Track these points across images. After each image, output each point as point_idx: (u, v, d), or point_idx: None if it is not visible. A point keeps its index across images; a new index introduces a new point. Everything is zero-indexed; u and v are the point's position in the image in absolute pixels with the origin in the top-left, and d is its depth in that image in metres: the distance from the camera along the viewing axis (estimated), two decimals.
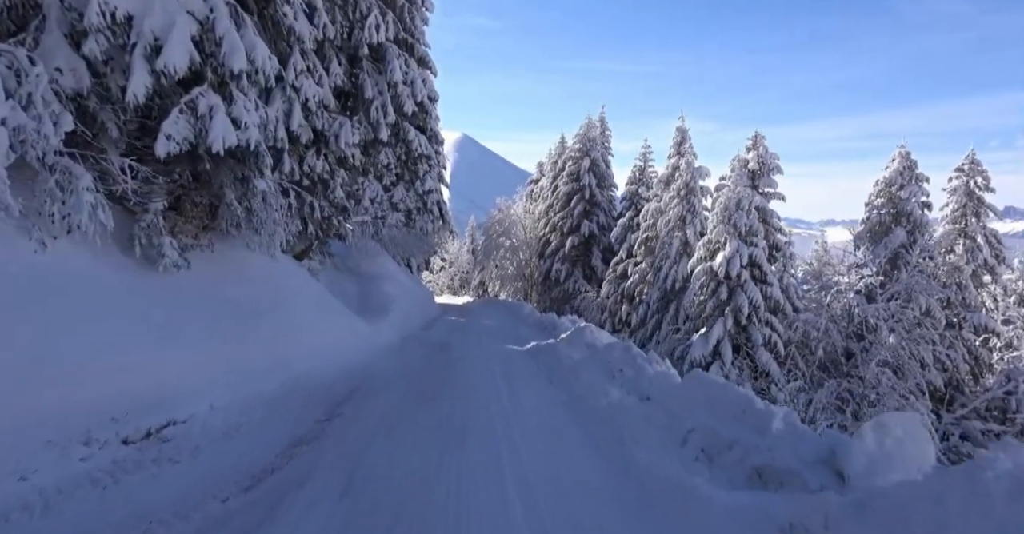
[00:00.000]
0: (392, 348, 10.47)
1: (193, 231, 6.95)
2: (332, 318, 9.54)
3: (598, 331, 10.04)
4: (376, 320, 12.26)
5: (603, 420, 5.55)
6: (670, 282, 20.12)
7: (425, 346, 11.61)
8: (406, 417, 5.67)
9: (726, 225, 17.08)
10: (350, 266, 17.41)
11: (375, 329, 11.34)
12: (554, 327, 14.78)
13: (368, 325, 11.20)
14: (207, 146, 5.78)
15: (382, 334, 11.44)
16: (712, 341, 16.57)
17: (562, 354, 9.53)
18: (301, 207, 11.76)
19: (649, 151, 28.22)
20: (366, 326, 10.93)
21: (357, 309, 12.98)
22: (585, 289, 29.64)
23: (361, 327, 10.57)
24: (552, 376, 8.26)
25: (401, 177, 23.06)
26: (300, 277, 9.40)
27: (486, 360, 10.15)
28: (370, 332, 10.85)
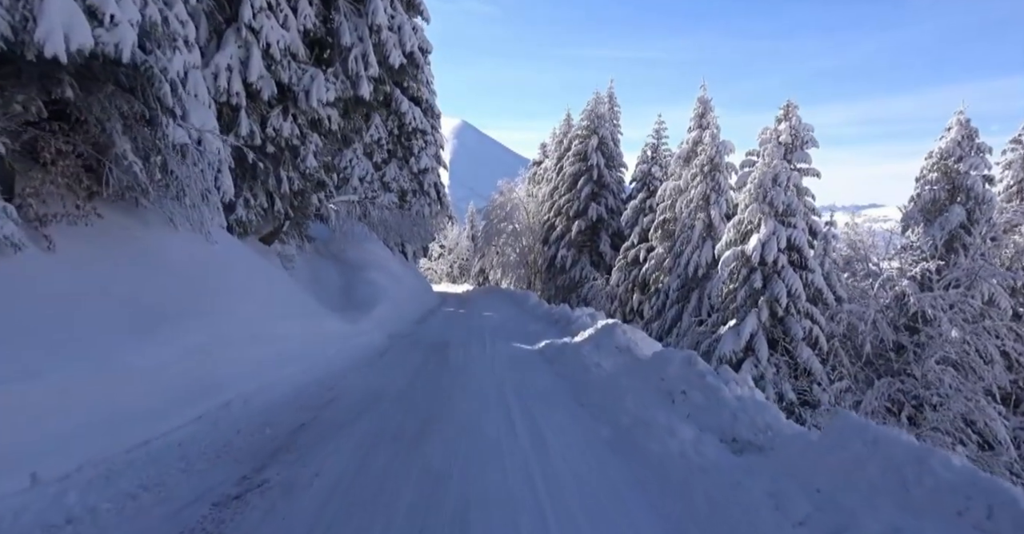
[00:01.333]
0: (375, 352, 8.35)
1: (63, 195, 4.79)
2: (295, 318, 7.41)
3: (632, 330, 7.94)
4: (359, 316, 10.14)
5: (682, 491, 3.45)
6: (692, 269, 17.98)
7: (417, 347, 9.49)
8: (371, 483, 3.56)
9: (760, 203, 14.89)
10: (334, 252, 15.25)
11: (356, 328, 9.21)
12: (567, 321, 12.66)
13: (347, 323, 9.07)
14: (37, 48, 3.60)
15: (365, 334, 9.31)
16: (745, 335, 14.47)
17: (588, 360, 7.41)
18: (266, 178, 9.59)
19: (663, 127, 25.93)
20: (343, 325, 8.80)
21: (337, 303, 10.85)
22: (593, 276, 27.52)
23: (336, 327, 8.44)
24: (580, 395, 6.14)
25: (393, 154, 20.82)
26: (250, 265, 7.24)
27: (491, 368, 8.03)
28: (348, 333, 8.72)
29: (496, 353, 9.61)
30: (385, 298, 12.93)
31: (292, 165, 9.73)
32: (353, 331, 8.93)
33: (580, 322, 11.42)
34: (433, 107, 20.82)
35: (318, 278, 12.18)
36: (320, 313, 8.43)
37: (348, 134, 12.14)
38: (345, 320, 9.17)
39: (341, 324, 8.69)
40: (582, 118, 28.52)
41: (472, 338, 11.49)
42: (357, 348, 8.25)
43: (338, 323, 8.61)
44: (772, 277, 14.71)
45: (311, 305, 8.54)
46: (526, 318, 15.71)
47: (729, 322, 15.69)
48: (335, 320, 8.66)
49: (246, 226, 9.71)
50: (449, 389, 6.36)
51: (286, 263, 11.17)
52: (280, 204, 10.01)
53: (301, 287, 9.53)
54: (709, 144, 17.84)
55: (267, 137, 9.34)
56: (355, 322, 9.56)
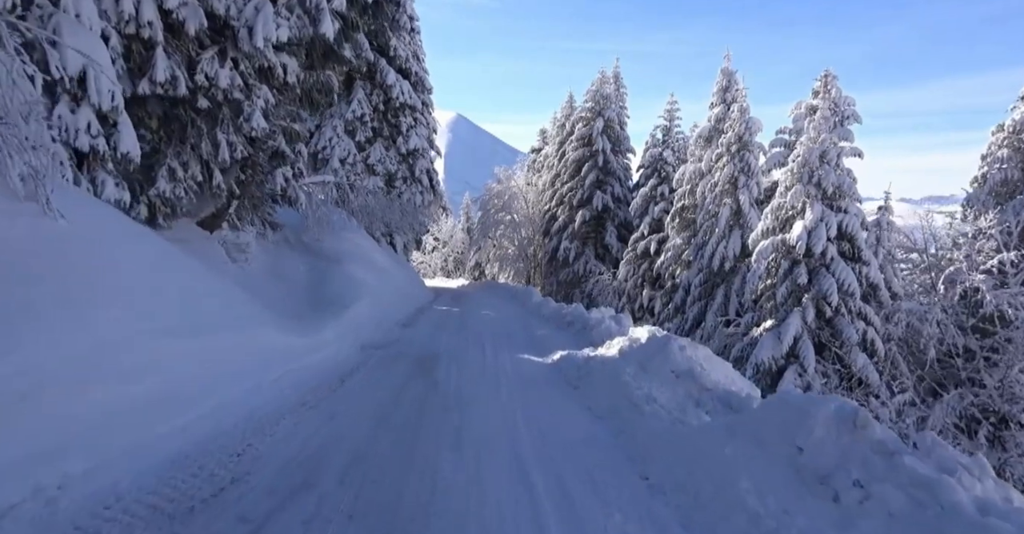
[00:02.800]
0: (335, 377, 6.02)
1: None
2: (209, 332, 5.06)
3: (691, 346, 5.63)
4: (323, 322, 7.80)
5: None
6: (717, 261, 15.72)
7: (397, 364, 7.17)
8: None
9: (805, 185, 12.62)
10: (307, 242, 12.88)
11: (314, 340, 6.87)
12: (584, 325, 10.37)
13: (301, 335, 6.73)
14: None
15: (327, 347, 6.99)
16: (787, 339, 12.23)
17: (634, 391, 5.13)
18: (198, 142, 7.24)
19: (676, 108, 23.58)
20: (294, 337, 6.45)
21: (297, 306, 8.51)
22: (599, 271, 25.24)
23: (281, 341, 6.10)
24: (643, 459, 3.83)
25: (379, 132, 18.40)
26: (136, 255, 4.87)
27: (497, 398, 5.73)
28: (301, 348, 6.38)
29: (501, 371, 7.32)
30: (364, 296, 10.62)
31: (233, 125, 7.37)
32: (309, 345, 6.60)
33: (603, 328, 9.13)
34: (423, 82, 18.43)
35: (279, 273, 9.84)
36: (260, 322, 6.09)
37: (315, 95, 9.76)
38: (299, 330, 6.83)
39: (289, 336, 6.35)
40: (586, 99, 26.14)
41: (469, 347, 9.20)
42: (310, 371, 5.92)
43: (285, 335, 6.27)
44: (819, 271, 12.46)
45: (248, 311, 6.20)
46: (531, 319, 13.41)
47: (765, 323, 13.46)
48: (282, 331, 6.32)
49: (173, 204, 7.35)
50: (436, 449, 4.05)
51: (235, 254, 8.83)
52: (221, 178, 7.65)
53: (242, 287, 7.19)
54: (737, 119, 15.55)
55: (197, 87, 6.97)
56: (316, 331, 7.23)
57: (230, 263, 8.45)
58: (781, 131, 16.42)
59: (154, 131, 7.16)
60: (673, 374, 5.34)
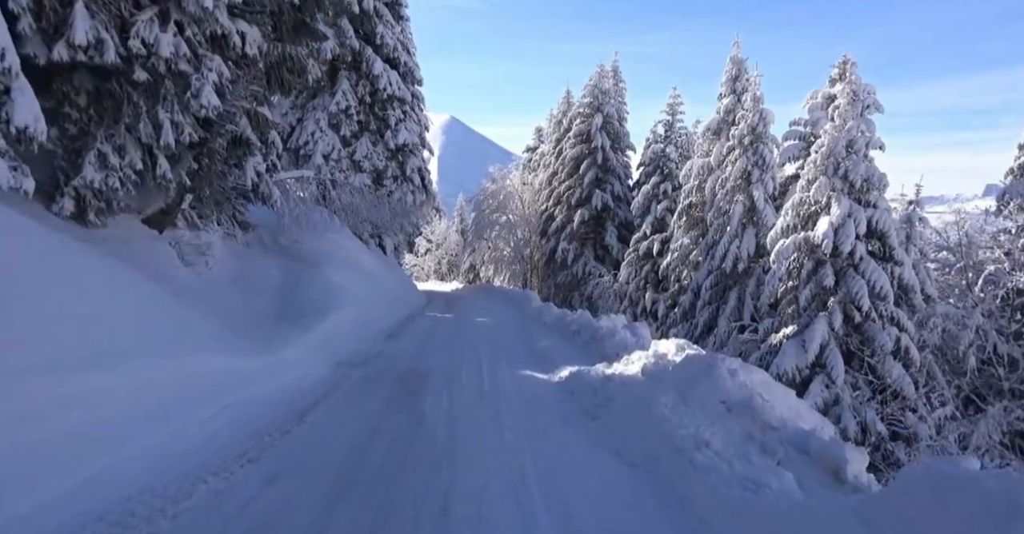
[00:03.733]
0: (290, 411, 4.73)
1: None
2: (123, 363, 3.81)
3: (745, 369, 4.43)
4: (287, 338, 6.53)
5: None
6: (729, 262, 14.55)
7: (376, 388, 5.92)
8: None
9: (831, 177, 11.46)
10: (284, 244, 11.61)
11: (272, 362, 5.59)
12: (593, 336, 9.16)
13: (257, 356, 5.45)
14: None
15: (290, 368, 5.73)
16: (813, 347, 11.05)
17: (675, 429, 3.91)
18: (135, 122, 6.00)
19: (678, 102, 22.47)
20: (244, 361, 5.17)
21: (260, 318, 7.25)
22: (599, 273, 24.06)
23: (225, 366, 4.82)
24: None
25: (365, 126, 17.12)
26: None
27: (497, 435, 4.50)
28: (252, 372, 5.11)
29: (501, 395, 6.10)
30: (345, 304, 9.38)
31: (179, 103, 6.13)
32: (265, 368, 5.34)
33: (617, 340, 7.91)
34: (413, 73, 17.19)
35: (245, 279, 8.56)
36: (201, 342, 4.83)
37: (285, 75, 8.49)
38: (256, 348, 5.56)
39: (239, 358, 5.07)
40: (583, 95, 24.99)
41: (463, 362, 7.97)
42: (261, 403, 4.66)
43: (232, 357, 4.99)
44: (847, 272, 11.31)
45: (189, 328, 4.94)
46: (531, 327, 12.19)
47: (785, 329, 12.28)
48: (230, 352, 5.04)
49: (108, 198, 6.08)
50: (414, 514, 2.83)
51: (191, 258, 7.56)
52: (167, 166, 6.39)
53: (192, 297, 5.93)
54: (750, 109, 14.39)
55: (133, 55, 5.71)
56: (277, 348, 5.97)
57: (183, 268, 7.18)
58: (795, 123, 15.28)
59: (82, 109, 5.90)
60: (724, 407, 4.12)
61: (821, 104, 14.55)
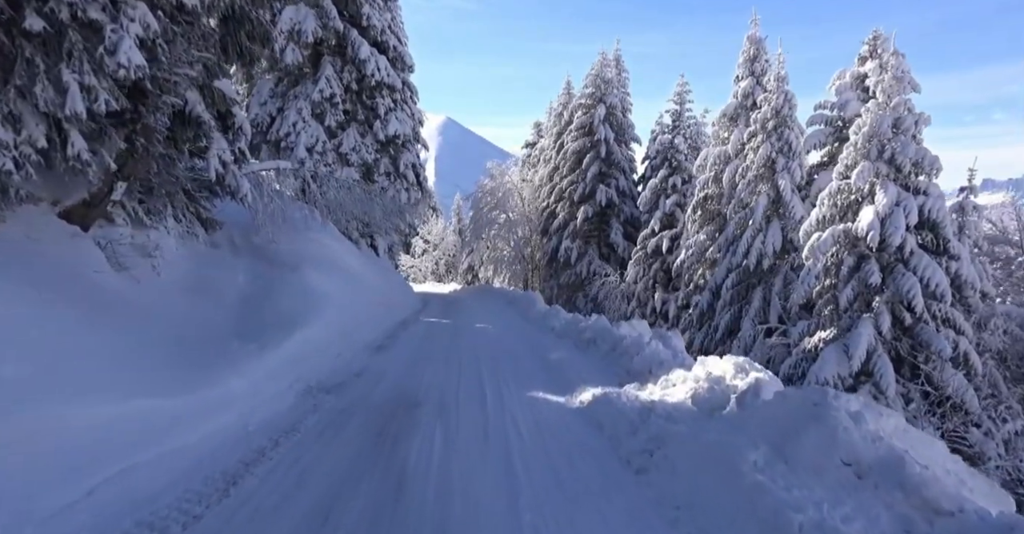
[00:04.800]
0: (220, 473, 3.33)
1: None
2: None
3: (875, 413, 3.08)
4: (238, 362, 5.10)
5: None
6: (753, 259, 13.15)
7: (344, 430, 4.50)
8: None
9: (874, 161, 10.08)
10: (258, 244, 10.18)
11: (208, 398, 4.15)
12: (613, 345, 7.75)
13: (184, 392, 3.99)
14: None
15: (232, 404, 4.30)
16: (858, 352, 9.67)
17: (792, 519, 2.56)
18: (31, 83, 4.59)
19: (686, 90, 21.09)
20: (166, 401, 3.74)
21: (211, 337, 5.82)
22: (604, 272, 22.68)
23: (136, 410, 3.39)
24: None
25: (352, 116, 15.68)
26: None
27: (511, 508, 3.13)
28: (177, 416, 3.67)
29: (511, 432, 4.70)
30: (325, 312, 7.98)
31: (92, 62, 4.73)
32: (196, 407, 3.91)
33: (648, 354, 6.49)
34: (403, 58, 15.76)
35: (203, 286, 7.14)
36: (102, 375, 3.41)
37: (244, 40, 7.04)
38: (184, 381, 4.12)
39: (157, 399, 3.63)
40: (585, 85, 23.59)
41: (462, 382, 6.58)
42: (181, 460, 3.24)
43: (147, 398, 3.56)
44: (895, 268, 9.93)
45: (85, 355, 3.53)
46: (538, 334, 10.80)
47: (822, 332, 10.91)
48: (147, 389, 3.62)
49: (1, 183, 4.66)
50: None
51: (128, 260, 6.14)
52: (83, 145, 4.99)
53: (114, 314, 4.51)
54: (774, 90, 13.00)
55: None
56: (223, 377, 4.54)
57: (114, 274, 5.76)
58: (821, 106, 13.90)
59: None
60: (851, 471, 2.73)
61: (850, 84, 13.19)
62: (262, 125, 14.53)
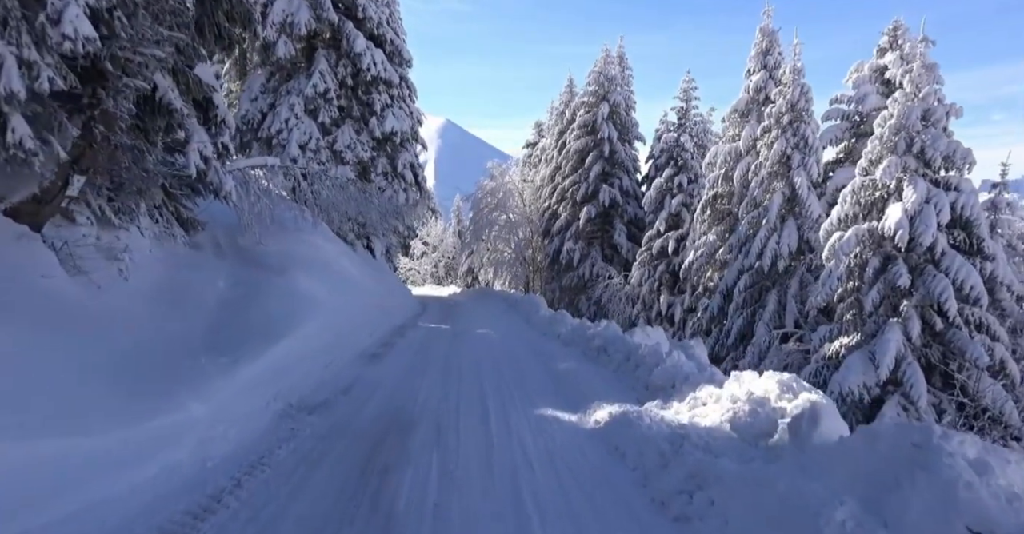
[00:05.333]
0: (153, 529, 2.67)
1: None
2: None
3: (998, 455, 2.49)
4: (202, 382, 4.42)
5: None
6: (767, 260, 12.47)
7: (322, 460, 3.83)
8: None
9: (902, 156, 9.41)
10: (243, 246, 9.50)
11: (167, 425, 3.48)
12: (627, 355, 7.07)
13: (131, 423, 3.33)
14: None
15: (188, 435, 3.63)
16: (886, 359, 8.98)
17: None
18: None
19: (692, 87, 20.45)
20: (95, 439, 3.06)
21: (180, 347, 5.14)
22: (608, 274, 22.02)
23: (47, 450, 2.74)
24: None
25: (347, 112, 15.01)
26: None
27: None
28: (121, 453, 3.00)
29: (518, 459, 4.04)
30: (313, 319, 7.31)
31: (32, 33, 4.07)
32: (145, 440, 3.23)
33: (669, 366, 5.79)
34: (401, 52, 15.10)
35: (174, 293, 6.46)
36: (28, 406, 2.74)
37: (219, 18, 6.37)
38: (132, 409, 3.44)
39: (94, 436, 2.96)
40: (588, 82, 22.94)
41: (462, 398, 5.92)
42: (106, 518, 2.56)
43: (80, 436, 2.88)
44: (925, 269, 9.26)
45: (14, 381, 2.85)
46: (543, 341, 10.12)
47: (843, 338, 10.23)
48: (79, 426, 2.94)
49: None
50: None
51: (81, 264, 5.46)
52: (26, 130, 4.32)
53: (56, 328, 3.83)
54: (789, 83, 12.33)
55: None
56: (182, 401, 3.85)
57: (68, 279, 5.08)
58: (836, 100, 13.26)
59: None
60: None
61: (868, 77, 12.55)
62: (253, 122, 13.87)
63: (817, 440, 3.14)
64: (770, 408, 3.76)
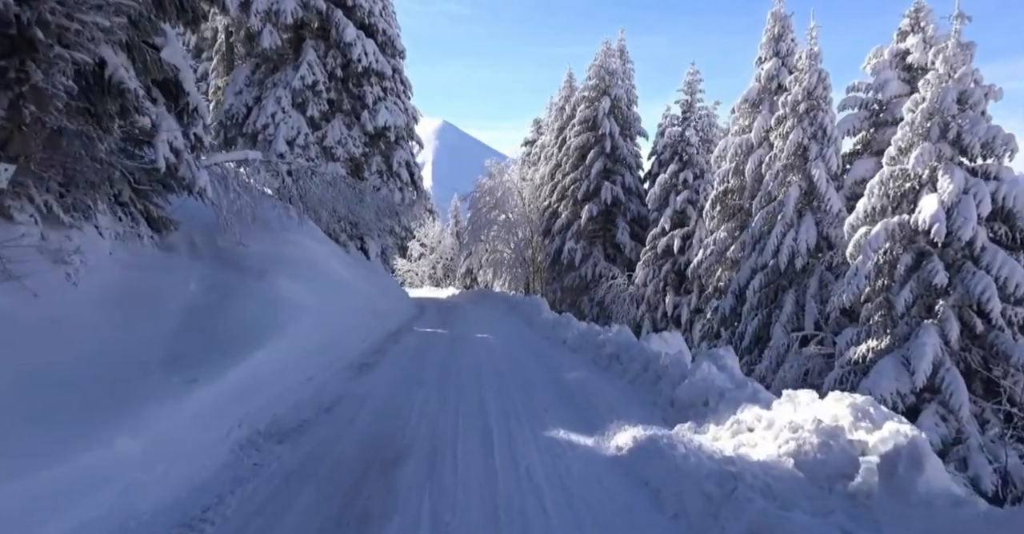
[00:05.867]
0: None
1: None
2: None
3: None
4: (151, 406, 3.66)
5: None
6: (784, 258, 11.71)
7: (289, 509, 3.09)
8: None
9: (936, 143, 8.66)
10: (223, 247, 8.72)
11: (74, 475, 2.73)
12: (645, 364, 6.30)
13: (24, 474, 2.58)
14: None
15: (109, 485, 2.87)
16: (923, 365, 8.22)
17: None
18: None
19: (697, 80, 19.71)
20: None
21: (129, 364, 4.36)
22: (611, 274, 21.25)
23: None
24: None
25: (337, 106, 14.20)
26: None
27: None
28: None
29: (528, 498, 3.28)
30: (293, 327, 6.53)
31: None
32: (42, 494, 2.47)
33: (700, 382, 5.00)
34: (393, 42, 14.34)
35: (133, 300, 5.67)
36: None
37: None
38: (31, 451, 2.68)
39: None
40: (588, 77, 22.19)
41: (460, 417, 5.14)
42: None
43: None
44: (963, 266, 8.50)
45: None
46: (548, 347, 9.35)
47: (871, 341, 9.48)
48: None
49: None
50: None
51: (12, 268, 4.68)
52: None
53: None
54: (805, 69, 11.56)
55: None
56: (106, 436, 3.08)
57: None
58: (854, 88, 12.52)
59: None
60: None
61: (889, 63, 11.81)
62: (238, 116, 13.11)
63: (923, 490, 2.39)
64: (845, 441, 3.01)
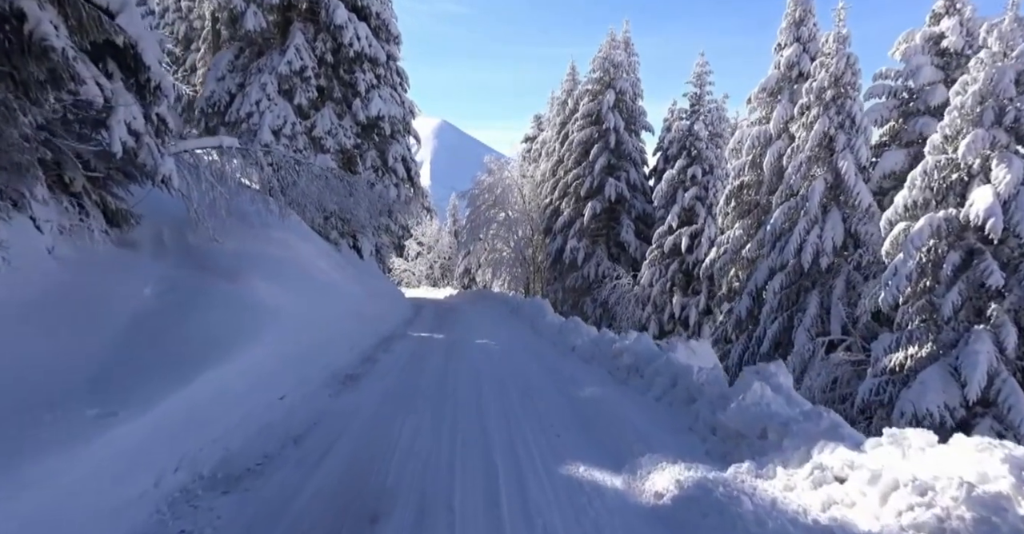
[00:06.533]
0: None
1: None
2: None
3: None
4: (44, 453, 2.74)
5: None
6: (807, 256, 10.77)
7: None
8: None
9: (989, 129, 7.74)
10: (194, 244, 7.75)
11: None
12: (674, 380, 5.36)
13: None
14: None
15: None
16: (976, 375, 7.30)
17: None
18: None
19: (706, 70, 18.77)
20: None
21: (34, 394, 3.40)
22: (615, 274, 20.31)
23: None
24: None
25: (328, 93, 13.15)
26: None
27: None
28: None
29: None
30: (265, 336, 5.59)
31: None
32: None
33: (751, 406, 4.06)
34: (388, 26, 13.35)
35: (64, 307, 4.71)
36: None
37: None
38: None
39: None
40: (592, 69, 21.24)
41: (458, 445, 4.22)
42: None
43: None
44: (1020, 265, 7.59)
45: None
46: (555, 355, 8.40)
47: (912, 348, 8.55)
48: None
49: None
50: None
51: None
52: None
53: None
54: (832, 53, 10.61)
55: None
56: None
57: None
58: (882, 75, 11.62)
59: None
60: None
61: (921, 47, 10.90)
62: (220, 104, 12.13)
63: None
64: (1017, 518, 2.08)
